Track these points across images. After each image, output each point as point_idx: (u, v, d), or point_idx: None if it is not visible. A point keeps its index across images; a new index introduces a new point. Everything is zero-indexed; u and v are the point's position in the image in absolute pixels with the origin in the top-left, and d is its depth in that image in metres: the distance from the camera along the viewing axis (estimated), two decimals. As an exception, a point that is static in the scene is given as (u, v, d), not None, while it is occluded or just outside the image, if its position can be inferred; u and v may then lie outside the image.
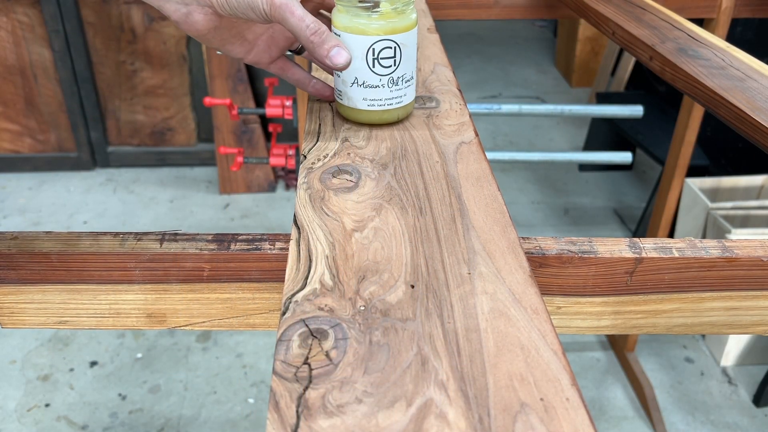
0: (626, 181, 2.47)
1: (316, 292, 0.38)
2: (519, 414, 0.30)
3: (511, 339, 0.34)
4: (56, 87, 2.40)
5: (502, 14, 1.29)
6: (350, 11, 0.55)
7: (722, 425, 1.52)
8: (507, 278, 0.39)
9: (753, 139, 0.63)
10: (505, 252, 0.42)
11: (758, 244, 0.46)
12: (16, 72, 2.36)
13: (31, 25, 2.28)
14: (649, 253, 0.45)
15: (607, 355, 1.72)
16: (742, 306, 0.47)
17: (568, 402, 0.31)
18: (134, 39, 2.35)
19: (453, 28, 3.78)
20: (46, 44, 2.31)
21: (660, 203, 1.49)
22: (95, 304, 0.46)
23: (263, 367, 1.66)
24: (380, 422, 0.30)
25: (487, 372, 0.32)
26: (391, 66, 0.57)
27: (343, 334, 0.35)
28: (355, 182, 0.50)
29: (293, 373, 0.32)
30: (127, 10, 2.31)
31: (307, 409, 0.30)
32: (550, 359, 0.33)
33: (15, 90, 2.39)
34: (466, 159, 0.53)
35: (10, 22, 2.27)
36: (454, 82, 0.70)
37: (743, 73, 0.72)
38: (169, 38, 2.36)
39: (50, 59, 2.34)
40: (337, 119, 0.61)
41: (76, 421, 1.52)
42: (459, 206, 0.47)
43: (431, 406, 0.30)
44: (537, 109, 1.76)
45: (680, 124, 1.37)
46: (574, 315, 0.47)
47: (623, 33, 0.88)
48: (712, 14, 1.24)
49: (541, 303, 0.37)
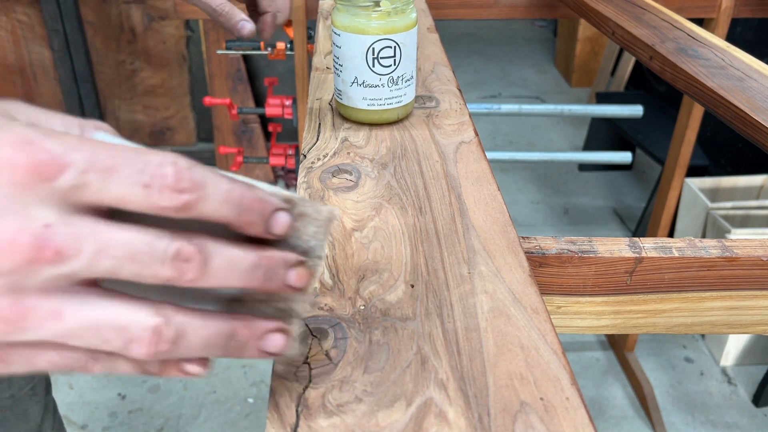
0: (626, 181, 2.47)
1: (316, 292, 0.38)
2: (519, 413, 0.30)
3: (511, 338, 0.34)
4: (56, 86, 2.39)
5: (501, 14, 1.29)
6: (350, 11, 0.55)
7: (722, 425, 1.52)
8: (507, 278, 0.39)
9: (753, 138, 0.63)
10: (505, 251, 0.42)
11: (758, 244, 0.46)
12: (16, 71, 2.35)
13: (30, 24, 2.28)
14: (649, 252, 0.45)
15: (606, 355, 1.72)
16: (742, 306, 0.47)
17: (568, 401, 0.31)
18: (134, 38, 2.35)
19: (453, 28, 3.78)
20: (45, 44, 2.31)
21: (660, 203, 1.49)
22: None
23: (263, 367, 1.66)
24: (380, 421, 0.30)
25: (487, 371, 0.32)
26: (390, 65, 0.57)
27: (342, 334, 0.35)
28: (354, 182, 0.50)
29: (293, 373, 0.32)
30: (127, 10, 2.31)
31: (306, 408, 0.30)
32: (550, 359, 0.33)
33: (14, 89, 2.39)
34: (465, 158, 0.53)
35: (10, 21, 2.27)
36: (454, 82, 0.70)
37: (743, 73, 0.72)
38: (169, 38, 2.36)
39: (50, 59, 2.34)
40: (336, 119, 0.61)
41: (76, 420, 1.52)
42: (459, 206, 0.47)
43: (431, 406, 0.30)
44: (537, 109, 1.76)
45: (680, 124, 1.37)
46: (573, 314, 0.47)
47: (623, 33, 0.88)
48: (712, 14, 1.24)
49: (541, 302, 0.37)
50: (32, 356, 0.25)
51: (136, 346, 0.24)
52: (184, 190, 0.24)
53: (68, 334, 0.24)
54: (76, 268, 0.23)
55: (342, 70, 0.58)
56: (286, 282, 0.27)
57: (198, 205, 0.24)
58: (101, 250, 0.23)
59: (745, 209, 1.71)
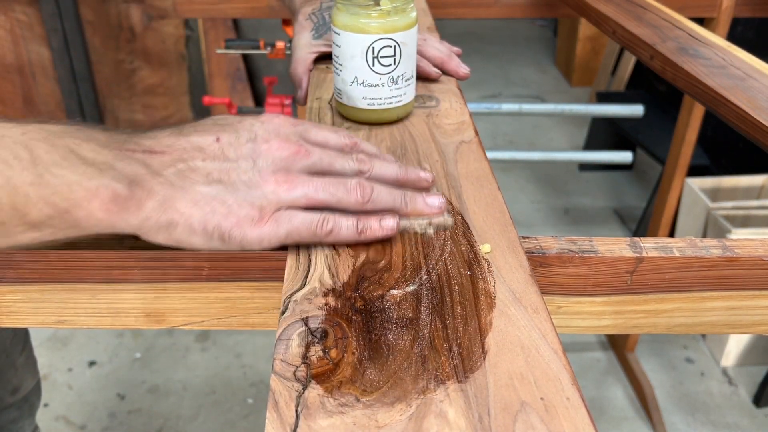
0: (626, 181, 2.47)
1: (316, 291, 0.38)
2: (519, 413, 0.30)
3: (512, 338, 0.34)
4: (54, 86, 2.39)
5: (502, 13, 1.29)
6: (350, 10, 0.55)
7: (722, 425, 1.52)
8: (507, 277, 0.39)
9: (754, 138, 0.63)
10: (506, 251, 0.42)
11: (759, 244, 0.46)
12: (14, 71, 2.35)
13: (29, 23, 2.28)
14: (649, 252, 0.45)
15: (607, 355, 1.71)
16: (743, 306, 0.47)
17: (568, 401, 0.30)
18: (133, 38, 2.35)
19: (453, 27, 3.78)
20: (44, 43, 2.31)
21: (660, 203, 1.49)
22: (94, 304, 0.46)
23: (262, 367, 1.66)
24: (380, 421, 0.29)
25: (487, 371, 0.32)
26: (390, 65, 0.57)
27: (342, 333, 0.35)
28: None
29: (292, 372, 0.32)
30: (126, 9, 2.30)
31: (306, 408, 0.30)
32: (550, 358, 0.33)
33: (13, 89, 2.39)
34: (466, 158, 0.53)
35: (9, 20, 2.27)
36: (453, 81, 0.70)
37: (744, 73, 0.72)
38: (168, 37, 2.35)
39: (48, 58, 2.34)
40: (336, 118, 0.61)
41: (75, 420, 1.51)
42: (459, 205, 0.47)
43: (431, 405, 0.30)
44: (537, 109, 1.76)
45: (681, 124, 1.37)
46: (574, 314, 0.47)
47: (624, 32, 0.88)
48: (713, 13, 1.24)
49: (542, 302, 0.37)
50: (292, 216, 0.40)
51: (353, 192, 0.42)
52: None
53: (314, 189, 0.41)
54: (312, 162, 0.43)
55: (342, 69, 0.58)
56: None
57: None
58: (321, 156, 0.43)
59: (746, 209, 1.71)
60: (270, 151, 0.42)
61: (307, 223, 0.40)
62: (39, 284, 0.45)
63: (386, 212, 0.43)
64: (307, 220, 0.40)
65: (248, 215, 0.40)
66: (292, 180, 0.41)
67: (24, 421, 0.84)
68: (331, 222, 0.41)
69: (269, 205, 0.40)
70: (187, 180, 0.40)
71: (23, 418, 0.84)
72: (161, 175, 0.40)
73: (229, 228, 0.39)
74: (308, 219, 0.40)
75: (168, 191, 0.39)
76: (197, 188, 0.40)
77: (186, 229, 0.39)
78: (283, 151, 0.42)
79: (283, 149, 0.42)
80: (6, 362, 0.80)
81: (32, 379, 0.85)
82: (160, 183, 0.39)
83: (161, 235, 0.39)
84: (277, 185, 0.41)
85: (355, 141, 0.47)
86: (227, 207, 0.40)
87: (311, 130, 0.45)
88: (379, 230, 0.41)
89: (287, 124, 0.44)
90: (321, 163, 0.43)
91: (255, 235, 0.40)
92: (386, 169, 0.45)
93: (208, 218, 0.39)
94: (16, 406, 0.82)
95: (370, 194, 0.42)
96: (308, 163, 0.43)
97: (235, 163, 0.41)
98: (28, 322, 0.47)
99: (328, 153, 0.44)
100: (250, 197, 0.40)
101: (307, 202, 0.41)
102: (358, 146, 0.47)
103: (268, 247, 0.41)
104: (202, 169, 0.40)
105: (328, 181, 0.42)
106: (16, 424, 0.83)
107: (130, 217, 0.38)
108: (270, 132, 0.43)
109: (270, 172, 0.41)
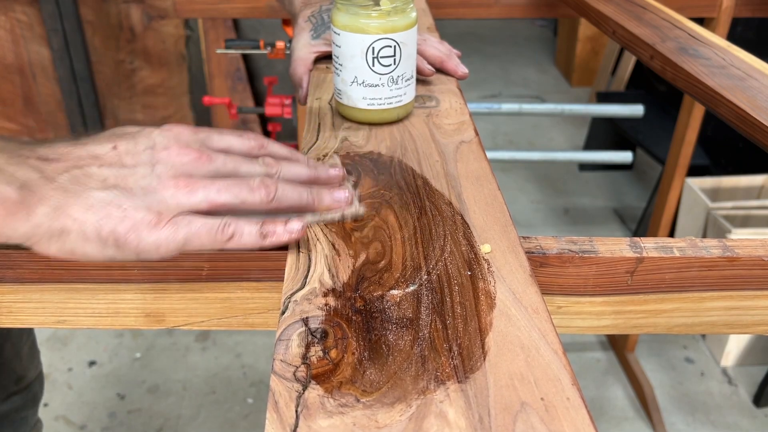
0: (626, 181, 2.47)
1: (316, 292, 0.38)
2: (519, 413, 0.30)
3: (512, 338, 0.34)
4: (55, 86, 2.39)
5: (502, 13, 1.28)
6: (350, 10, 0.55)
7: (722, 425, 1.52)
8: (507, 277, 0.39)
9: (754, 138, 0.63)
10: (506, 251, 0.42)
11: (759, 244, 0.46)
12: (15, 71, 2.35)
13: (29, 23, 2.28)
14: (649, 252, 0.45)
15: (607, 356, 1.71)
16: (743, 306, 0.47)
17: (568, 401, 0.30)
18: (133, 38, 2.35)
19: (453, 27, 3.78)
20: (44, 43, 2.31)
21: (660, 203, 1.49)
22: (94, 304, 0.46)
23: (262, 367, 1.66)
24: (380, 422, 0.29)
25: (487, 371, 0.32)
26: (390, 65, 0.57)
27: (342, 334, 0.35)
28: (354, 181, 0.50)
29: (292, 373, 0.32)
30: (126, 9, 2.30)
31: (306, 408, 0.30)
32: (550, 359, 0.33)
33: (13, 89, 2.39)
34: (466, 158, 0.53)
35: (9, 20, 2.27)
36: (454, 81, 0.70)
37: (744, 73, 0.72)
38: (168, 37, 2.35)
39: (49, 58, 2.34)
40: (336, 118, 0.61)
41: (75, 420, 1.51)
42: (459, 205, 0.47)
43: (431, 406, 0.30)
44: (537, 109, 1.76)
45: (681, 124, 1.37)
46: (574, 315, 0.47)
47: (624, 32, 0.88)
48: (713, 13, 1.24)
49: (542, 302, 0.37)
50: (191, 220, 0.39)
51: (257, 191, 0.41)
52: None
53: (216, 191, 0.40)
54: (215, 167, 0.41)
55: (342, 69, 0.58)
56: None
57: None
58: (224, 161, 0.42)
59: (745, 209, 1.71)
60: (170, 157, 0.40)
61: (207, 228, 0.39)
62: (39, 284, 0.45)
63: (294, 213, 0.42)
64: (207, 225, 0.39)
65: (145, 219, 0.38)
66: (193, 183, 0.40)
67: (28, 410, 0.84)
68: (233, 226, 0.39)
69: (168, 210, 0.39)
70: (81, 185, 0.38)
71: (27, 407, 0.84)
72: (55, 181, 0.38)
73: (124, 232, 0.38)
74: (209, 223, 0.39)
75: (61, 197, 0.37)
76: (92, 193, 0.38)
77: (79, 236, 0.37)
78: (184, 156, 0.41)
79: (183, 155, 0.41)
80: (12, 351, 0.80)
81: (35, 368, 0.86)
82: (54, 189, 0.38)
83: (54, 244, 0.38)
84: (176, 189, 0.39)
85: (262, 143, 0.46)
86: (123, 211, 0.38)
87: (213, 136, 0.44)
88: (285, 234, 0.40)
89: (188, 132, 0.43)
90: (225, 168, 0.42)
91: (152, 240, 0.38)
92: (295, 170, 0.45)
93: (102, 223, 0.37)
94: (21, 395, 0.82)
95: (275, 192, 0.41)
96: (211, 168, 0.41)
97: (132, 169, 0.40)
98: (28, 322, 0.47)
99: (233, 158, 0.43)
100: (147, 201, 0.39)
101: (209, 206, 0.40)
102: (266, 148, 0.46)
103: (165, 254, 0.39)
104: (98, 175, 0.39)
105: (231, 182, 0.40)
106: (20, 413, 0.83)
107: (18, 223, 0.37)
108: (170, 139, 0.42)
109: (169, 177, 0.40)
